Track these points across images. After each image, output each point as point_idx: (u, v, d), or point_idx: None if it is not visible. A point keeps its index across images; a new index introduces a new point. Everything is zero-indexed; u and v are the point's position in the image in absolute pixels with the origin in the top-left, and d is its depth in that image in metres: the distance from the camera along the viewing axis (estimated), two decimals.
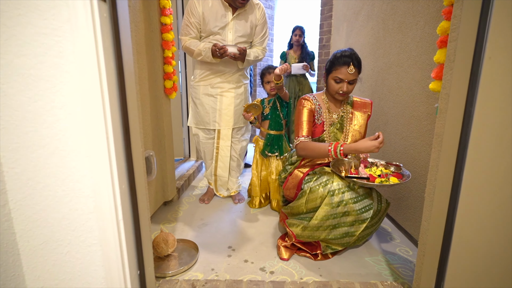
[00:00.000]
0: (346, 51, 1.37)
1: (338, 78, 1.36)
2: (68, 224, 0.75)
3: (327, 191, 1.24)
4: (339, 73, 1.35)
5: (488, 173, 0.60)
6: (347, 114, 1.47)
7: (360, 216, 1.23)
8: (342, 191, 1.23)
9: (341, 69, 1.34)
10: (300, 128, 1.42)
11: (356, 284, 1.08)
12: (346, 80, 1.35)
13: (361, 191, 1.26)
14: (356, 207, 1.22)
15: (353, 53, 1.35)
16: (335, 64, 1.37)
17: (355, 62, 1.34)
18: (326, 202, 1.23)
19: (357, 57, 1.36)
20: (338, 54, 1.38)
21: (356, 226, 1.24)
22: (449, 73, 0.80)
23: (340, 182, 1.26)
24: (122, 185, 0.77)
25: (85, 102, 0.68)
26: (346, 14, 2.50)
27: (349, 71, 1.33)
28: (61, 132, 0.69)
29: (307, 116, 1.42)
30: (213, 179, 1.97)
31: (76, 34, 0.62)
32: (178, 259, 1.29)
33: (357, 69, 1.36)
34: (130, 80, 0.76)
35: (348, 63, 1.33)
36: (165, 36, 1.60)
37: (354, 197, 1.24)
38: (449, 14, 0.89)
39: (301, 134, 1.40)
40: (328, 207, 1.22)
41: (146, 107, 1.48)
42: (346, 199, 1.22)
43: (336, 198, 1.22)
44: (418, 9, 1.39)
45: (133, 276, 0.83)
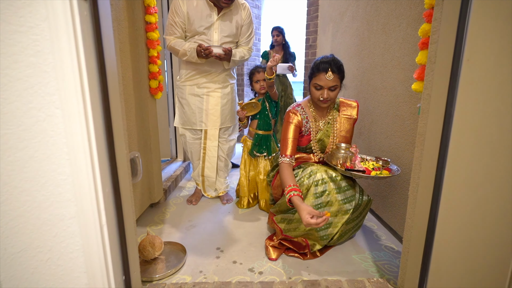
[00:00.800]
0: (327, 57, 1.36)
1: (318, 85, 1.34)
2: (49, 230, 0.72)
3: (312, 181, 1.28)
4: (318, 80, 1.33)
5: (468, 171, 0.62)
6: (333, 121, 1.46)
7: (342, 206, 1.28)
8: (325, 181, 1.28)
9: (320, 75, 1.32)
10: (285, 146, 1.40)
11: (344, 281, 1.10)
12: (326, 87, 1.33)
13: (343, 183, 1.30)
14: (339, 197, 1.28)
15: (332, 59, 1.33)
16: (315, 71, 1.36)
17: (334, 68, 1.32)
18: (310, 193, 1.27)
19: (338, 63, 1.34)
20: (318, 60, 1.36)
21: (339, 217, 1.30)
22: (430, 74, 0.83)
23: (324, 173, 1.30)
24: (106, 188, 0.74)
25: (66, 103, 0.65)
26: (331, 15, 2.53)
27: (327, 77, 1.30)
28: (40, 135, 0.66)
29: (293, 133, 1.40)
30: (200, 179, 1.95)
31: (54, 33, 0.60)
32: (165, 262, 1.27)
33: (337, 75, 1.33)
34: (113, 80, 0.74)
35: (326, 69, 1.31)
36: (150, 35, 1.56)
37: (337, 187, 1.29)
38: (430, 16, 0.92)
39: (285, 154, 1.38)
40: (312, 197, 1.27)
41: (130, 108, 1.44)
42: (329, 189, 1.27)
43: (320, 188, 1.27)
44: (401, 11, 1.43)
45: (118, 281, 0.81)
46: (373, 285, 1.08)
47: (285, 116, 1.47)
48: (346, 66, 2.17)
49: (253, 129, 1.87)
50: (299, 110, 1.44)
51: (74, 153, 0.68)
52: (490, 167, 0.56)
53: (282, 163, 1.36)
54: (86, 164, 0.69)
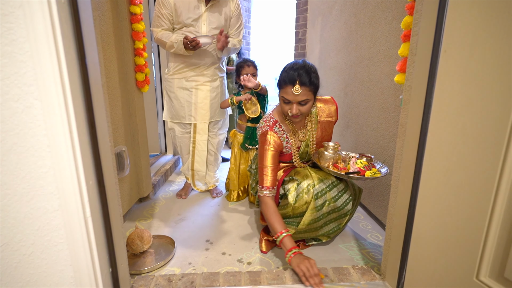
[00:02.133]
0: (296, 64, 1.15)
1: (286, 99, 1.16)
2: (31, 223, 0.71)
3: (311, 196, 1.18)
4: (285, 93, 1.15)
5: (444, 159, 0.65)
6: (312, 129, 1.32)
7: (342, 210, 1.23)
8: (324, 192, 1.20)
9: (287, 88, 1.14)
10: (263, 176, 1.22)
11: (329, 269, 1.13)
12: (295, 102, 1.15)
13: (340, 186, 1.24)
14: (338, 203, 1.21)
15: (302, 67, 1.13)
16: (281, 82, 1.17)
17: (304, 79, 1.11)
18: (311, 207, 1.19)
19: (309, 72, 1.13)
20: (287, 67, 1.18)
21: (339, 220, 1.26)
22: (411, 66, 0.85)
23: (321, 183, 1.21)
24: (89, 181, 0.74)
25: (45, 94, 0.64)
26: (320, 8, 2.54)
27: (294, 91, 1.11)
28: (18, 127, 0.65)
29: (271, 160, 1.23)
30: (190, 173, 1.94)
31: (30, 21, 0.58)
32: (154, 255, 1.28)
33: (308, 87, 1.13)
34: (94, 70, 0.72)
35: (293, 81, 1.11)
36: (135, 27, 1.53)
37: (335, 195, 1.22)
38: (412, 9, 0.93)
39: (265, 185, 1.21)
40: (313, 211, 1.19)
41: (116, 101, 1.42)
42: (328, 198, 1.20)
43: (320, 200, 1.19)
44: (387, 4, 1.44)
45: (104, 274, 0.81)
46: (358, 271, 1.11)
47: (261, 137, 1.29)
48: (335, 59, 2.19)
49: (244, 122, 1.87)
50: (277, 130, 1.27)
51: (55, 145, 0.67)
52: (463, 155, 0.59)
53: (264, 198, 1.20)
54: (68, 156, 0.68)
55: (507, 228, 0.52)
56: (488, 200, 0.54)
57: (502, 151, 0.51)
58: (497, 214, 0.53)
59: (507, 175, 0.51)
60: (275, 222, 1.15)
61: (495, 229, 0.53)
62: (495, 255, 0.54)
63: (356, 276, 1.08)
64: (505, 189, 0.52)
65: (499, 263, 0.53)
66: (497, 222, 0.53)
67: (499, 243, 0.53)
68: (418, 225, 0.75)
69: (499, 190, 0.52)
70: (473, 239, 0.57)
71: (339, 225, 1.27)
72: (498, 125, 0.52)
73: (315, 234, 1.28)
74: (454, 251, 0.62)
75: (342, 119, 2.03)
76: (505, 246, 0.52)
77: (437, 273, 0.67)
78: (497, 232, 0.53)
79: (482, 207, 0.56)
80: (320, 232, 1.27)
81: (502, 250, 0.53)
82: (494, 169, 0.54)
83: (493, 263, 0.54)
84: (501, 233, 0.52)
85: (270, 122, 1.30)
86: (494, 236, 0.54)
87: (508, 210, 0.53)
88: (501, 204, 0.53)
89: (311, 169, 1.31)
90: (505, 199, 0.53)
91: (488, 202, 0.54)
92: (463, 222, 0.59)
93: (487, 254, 0.55)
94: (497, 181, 0.52)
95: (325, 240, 1.32)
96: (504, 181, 0.52)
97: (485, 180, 0.55)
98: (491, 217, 0.54)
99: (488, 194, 0.54)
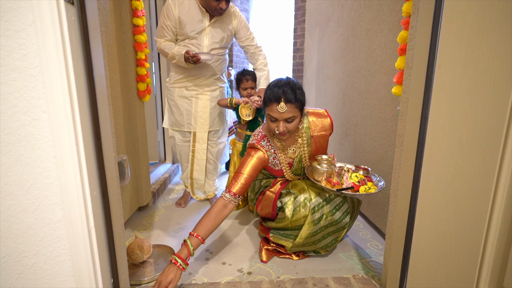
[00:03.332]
0: (280, 81, 1.16)
1: (272, 117, 1.16)
2: (34, 234, 0.72)
3: (308, 210, 1.19)
4: (270, 111, 1.15)
5: (441, 169, 0.67)
6: (304, 145, 1.30)
7: (340, 224, 1.23)
8: (321, 206, 1.20)
9: (272, 106, 1.14)
10: (235, 181, 1.19)
11: (330, 279, 1.13)
12: (281, 119, 1.14)
13: (338, 199, 1.23)
14: (335, 217, 1.21)
15: (286, 84, 1.13)
16: (266, 100, 1.17)
17: (289, 96, 1.11)
18: (308, 221, 1.19)
19: (294, 89, 1.13)
20: (271, 85, 1.18)
21: (337, 233, 1.26)
22: (408, 78, 0.87)
23: (318, 196, 1.21)
24: (94, 191, 0.75)
25: (52, 106, 0.65)
26: (318, 20, 2.60)
27: (279, 109, 1.11)
28: (25, 139, 0.66)
29: (250, 169, 1.20)
30: (189, 182, 1.95)
31: (41, 37, 0.60)
32: (154, 265, 1.27)
33: (293, 104, 1.13)
34: (101, 83, 0.74)
35: (278, 99, 1.12)
36: (137, 38, 1.56)
37: (333, 208, 1.22)
38: (407, 24, 0.97)
39: (232, 190, 1.17)
40: (310, 225, 1.19)
41: (118, 110, 1.44)
42: (325, 212, 1.20)
43: (317, 214, 1.19)
44: (382, 18, 1.49)
45: (106, 285, 0.81)
46: (358, 281, 1.11)
47: (248, 148, 1.30)
48: (332, 69, 2.24)
49: (243, 130, 1.89)
50: (264, 145, 1.26)
51: (61, 156, 0.68)
52: (460, 166, 0.61)
53: (221, 199, 1.15)
54: (73, 168, 0.69)
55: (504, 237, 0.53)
56: (486, 210, 0.56)
57: (497, 162, 0.53)
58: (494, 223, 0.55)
59: (503, 185, 0.53)
60: (201, 223, 1.11)
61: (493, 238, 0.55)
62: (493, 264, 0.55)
63: (356, 286, 1.08)
64: (501, 198, 0.53)
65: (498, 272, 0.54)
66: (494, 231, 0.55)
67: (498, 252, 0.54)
68: (417, 235, 0.77)
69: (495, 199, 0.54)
70: (472, 249, 0.58)
71: (337, 238, 1.27)
72: (492, 137, 0.55)
73: (314, 248, 1.28)
74: (453, 261, 0.63)
75: (340, 128, 2.06)
76: (503, 255, 0.54)
77: (437, 283, 0.68)
78: (495, 241, 0.55)
79: (480, 216, 0.58)
80: (319, 246, 1.27)
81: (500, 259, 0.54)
82: (490, 179, 0.55)
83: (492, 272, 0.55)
84: (499, 242, 0.54)
85: (258, 136, 1.30)
86: (492, 245, 0.55)
87: (505, 219, 0.54)
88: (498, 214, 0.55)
89: (307, 182, 1.31)
90: (502, 209, 0.55)
91: (486, 211, 0.56)
92: (462, 231, 0.61)
93: (486, 263, 0.56)
94: (493, 190, 0.54)
95: (323, 253, 1.32)
96: (500, 190, 0.53)
97: (482, 189, 0.57)
98: (488, 226, 0.56)
99: (485, 204, 0.56)
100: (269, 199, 1.33)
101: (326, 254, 1.35)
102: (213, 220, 1.13)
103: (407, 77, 0.87)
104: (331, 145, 2.20)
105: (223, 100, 1.81)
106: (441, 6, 0.68)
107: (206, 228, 1.11)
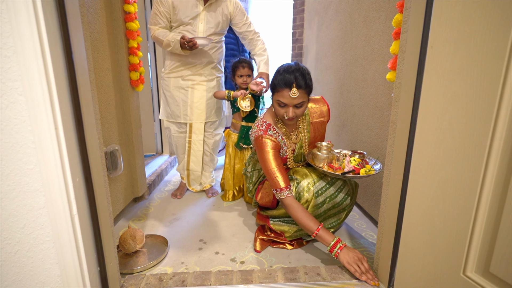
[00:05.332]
0: (290, 67, 1.15)
1: (282, 102, 1.15)
2: (16, 221, 0.71)
3: (312, 194, 1.19)
4: (281, 97, 1.14)
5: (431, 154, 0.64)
6: (306, 129, 1.32)
7: (341, 206, 1.26)
8: (325, 189, 1.20)
9: (283, 91, 1.13)
10: (275, 178, 1.17)
11: (322, 267, 1.12)
12: (291, 105, 1.14)
13: (339, 182, 1.24)
14: (337, 199, 1.23)
15: (297, 70, 1.13)
16: (276, 85, 1.16)
17: (300, 82, 1.11)
18: (312, 205, 1.19)
19: (304, 74, 1.13)
20: (280, 71, 1.17)
21: (338, 215, 1.28)
22: (401, 63, 0.84)
23: (320, 180, 1.22)
24: (76, 178, 0.73)
25: (29, 89, 0.63)
26: (317, 9, 2.54)
27: (291, 95, 1.11)
28: (2, 123, 0.64)
29: (274, 160, 1.19)
30: (185, 173, 1.94)
31: (14, 15, 0.58)
32: (147, 255, 1.27)
33: (304, 90, 1.13)
34: (81, 66, 0.72)
35: (290, 84, 1.11)
36: (129, 25, 1.53)
37: (335, 191, 1.23)
38: (403, 7, 0.93)
39: (281, 187, 1.16)
40: (314, 209, 1.20)
41: (110, 100, 1.42)
42: (328, 196, 1.21)
43: (321, 198, 1.20)
44: (380, 4, 1.44)
45: (92, 272, 0.80)
46: None
47: (257, 142, 1.25)
48: (330, 59, 2.19)
49: (238, 121, 1.86)
50: (272, 134, 1.25)
51: (40, 141, 0.66)
52: (450, 150, 0.58)
53: (286, 199, 1.15)
54: (53, 153, 0.67)
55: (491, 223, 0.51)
56: (474, 195, 0.54)
57: (487, 146, 0.51)
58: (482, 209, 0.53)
59: (491, 170, 0.51)
60: (308, 220, 1.11)
61: (481, 224, 0.53)
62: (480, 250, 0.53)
63: (348, 275, 1.07)
64: (490, 184, 0.51)
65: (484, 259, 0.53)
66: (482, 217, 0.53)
67: (485, 238, 0.52)
68: (407, 222, 0.75)
69: (484, 185, 0.52)
70: (460, 235, 0.57)
71: (338, 220, 1.28)
72: (483, 119, 0.52)
73: None
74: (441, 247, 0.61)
75: (338, 118, 2.03)
76: (490, 242, 0.52)
77: (426, 270, 0.67)
78: (482, 227, 0.53)
79: (468, 202, 0.55)
80: None
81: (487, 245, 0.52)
82: (480, 164, 0.53)
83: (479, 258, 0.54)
84: (486, 228, 0.52)
85: (263, 126, 1.27)
86: (480, 231, 0.53)
87: (493, 205, 0.52)
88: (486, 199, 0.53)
89: (309, 168, 1.31)
90: (490, 194, 0.52)
91: (474, 197, 0.54)
92: (450, 217, 0.59)
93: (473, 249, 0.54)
94: (482, 175, 0.52)
95: None
96: (488, 176, 0.51)
97: (471, 174, 0.55)
98: (476, 212, 0.54)
99: (474, 189, 0.54)
100: (270, 187, 1.32)
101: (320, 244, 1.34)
102: (306, 212, 1.14)
103: (401, 61, 0.84)
104: (328, 135, 2.17)
105: (220, 93, 1.78)
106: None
107: (313, 218, 1.13)
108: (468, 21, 0.54)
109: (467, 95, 0.54)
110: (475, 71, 0.53)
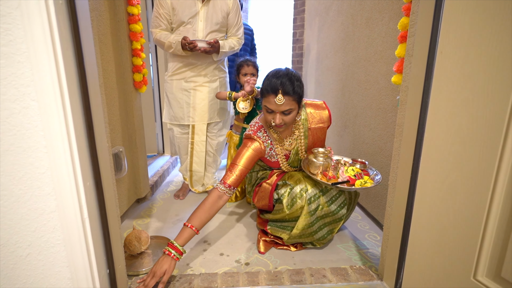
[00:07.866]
0: (279, 72, 1.11)
1: (269, 108, 1.12)
2: (28, 224, 0.71)
3: (305, 201, 1.18)
4: (267, 102, 1.11)
5: (440, 158, 0.65)
6: (304, 136, 1.28)
7: (336, 215, 1.23)
8: (317, 197, 1.19)
9: (269, 97, 1.10)
10: (230, 172, 1.17)
11: (327, 269, 1.13)
12: (278, 111, 1.11)
13: (334, 190, 1.23)
14: (331, 208, 1.21)
15: (285, 75, 1.10)
16: (263, 91, 1.13)
17: (287, 88, 1.07)
18: (305, 212, 1.19)
19: (292, 80, 1.09)
20: (270, 75, 1.14)
21: (334, 224, 1.26)
22: (408, 66, 0.85)
23: (313, 187, 1.21)
24: (87, 182, 0.74)
25: (42, 94, 0.63)
26: (318, 9, 2.55)
27: (277, 101, 1.08)
28: (15, 128, 0.65)
29: (246, 161, 1.18)
30: (188, 174, 1.94)
31: (27, 22, 0.58)
32: (152, 256, 1.27)
33: (292, 97, 1.09)
34: (92, 71, 0.72)
35: (275, 90, 1.08)
36: (132, 27, 1.53)
37: (329, 199, 1.21)
38: (408, 10, 0.94)
39: (226, 182, 1.15)
40: (307, 216, 1.19)
41: (114, 101, 1.42)
42: (321, 203, 1.20)
43: (313, 205, 1.19)
44: (383, 5, 1.45)
45: (101, 275, 0.81)
46: (356, 271, 1.11)
47: (244, 139, 1.27)
48: (332, 60, 2.20)
49: (240, 123, 1.87)
50: (261, 135, 1.23)
51: (52, 146, 0.66)
52: (460, 154, 0.59)
53: (215, 190, 1.14)
54: (65, 157, 0.68)
55: (503, 227, 0.52)
56: (485, 199, 0.55)
57: (498, 151, 0.52)
58: (493, 213, 0.54)
59: (503, 175, 0.52)
60: (195, 214, 1.11)
61: (492, 228, 0.54)
62: (492, 254, 0.54)
63: (354, 277, 1.08)
64: (501, 188, 0.52)
65: (496, 263, 0.54)
66: (493, 221, 0.54)
67: (496, 242, 0.53)
68: (415, 225, 0.76)
69: (495, 190, 0.53)
70: (470, 239, 0.58)
71: (333, 229, 1.26)
72: (493, 125, 0.53)
73: (311, 239, 1.27)
74: (451, 251, 0.62)
75: (339, 120, 2.04)
76: (502, 246, 0.53)
77: (435, 273, 0.68)
78: (494, 231, 0.54)
79: (479, 206, 0.56)
80: (316, 237, 1.26)
81: (499, 249, 0.53)
82: (491, 169, 0.54)
83: (490, 262, 0.55)
84: (498, 232, 0.53)
85: (255, 127, 1.27)
86: (491, 235, 0.54)
87: (504, 210, 0.53)
88: (498, 204, 0.53)
89: (303, 173, 1.29)
90: (502, 199, 0.53)
91: (485, 201, 0.55)
92: (460, 221, 0.60)
93: (484, 253, 0.55)
94: (493, 180, 0.53)
95: (319, 246, 1.32)
96: (500, 180, 0.52)
97: (481, 179, 0.56)
98: (487, 217, 0.54)
99: (485, 193, 0.55)
100: (266, 190, 1.32)
101: (322, 246, 1.35)
102: (207, 211, 1.13)
103: (408, 65, 0.85)
104: (330, 137, 2.18)
105: (221, 94, 1.79)
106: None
107: (200, 219, 1.11)
108: (479, 27, 0.55)
109: (478, 101, 0.55)
110: (486, 77, 0.54)
